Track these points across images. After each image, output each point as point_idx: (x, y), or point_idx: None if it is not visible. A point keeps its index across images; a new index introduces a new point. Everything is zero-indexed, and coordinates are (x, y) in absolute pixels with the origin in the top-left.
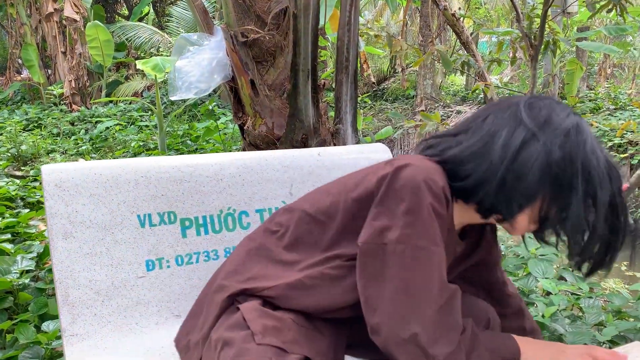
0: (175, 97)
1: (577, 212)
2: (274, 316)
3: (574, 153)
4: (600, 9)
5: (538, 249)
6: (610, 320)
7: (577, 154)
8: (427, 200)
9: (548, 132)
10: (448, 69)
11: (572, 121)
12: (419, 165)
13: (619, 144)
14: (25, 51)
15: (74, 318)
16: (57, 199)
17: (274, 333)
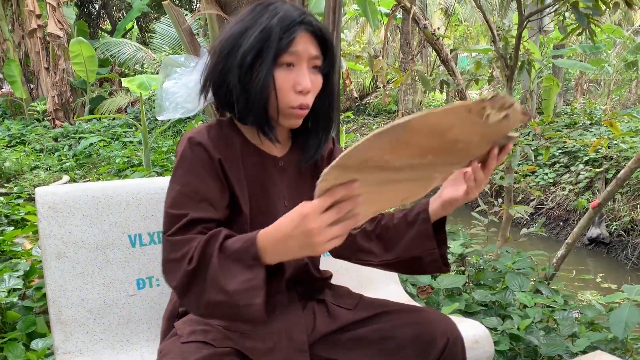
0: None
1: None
2: (203, 322)
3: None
4: (571, 32)
5: (515, 263)
6: (583, 331)
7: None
8: (178, 155)
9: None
10: (427, 88)
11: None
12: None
13: (595, 158)
14: (7, 67)
15: (67, 336)
16: (50, 220)
17: (201, 334)
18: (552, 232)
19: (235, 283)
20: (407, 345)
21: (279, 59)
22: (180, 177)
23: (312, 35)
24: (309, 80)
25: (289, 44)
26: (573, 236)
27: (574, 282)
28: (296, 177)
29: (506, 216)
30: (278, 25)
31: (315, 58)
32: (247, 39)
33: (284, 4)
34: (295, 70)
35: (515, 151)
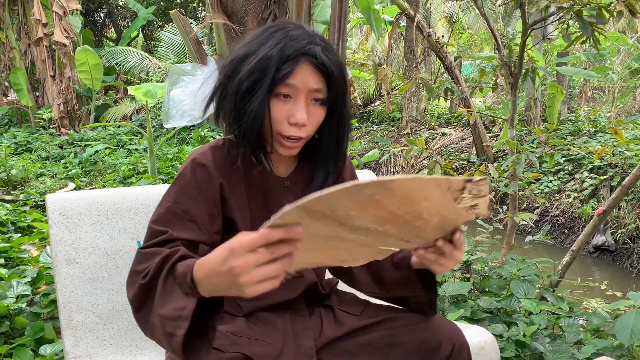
0: (169, 125)
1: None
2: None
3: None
4: (575, 40)
5: (520, 270)
6: (588, 338)
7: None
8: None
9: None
10: (432, 96)
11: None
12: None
13: (599, 166)
14: (14, 75)
15: (77, 341)
16: (61, 227)
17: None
18: (557, 240)
19: (169, 308)
20: (413, 351)
21: (275, 89)
22: (172, 195)
23: (314, 68)
24: (305, 113)
25: (285, 76)
26: (578, 243)
27: (579, 290)
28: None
29: (511, 223)
30: (277, 56)
31: (316, 91)
32: (246, 66)
33: (294, 30)
34: (291, 102)
35: (520, 158)
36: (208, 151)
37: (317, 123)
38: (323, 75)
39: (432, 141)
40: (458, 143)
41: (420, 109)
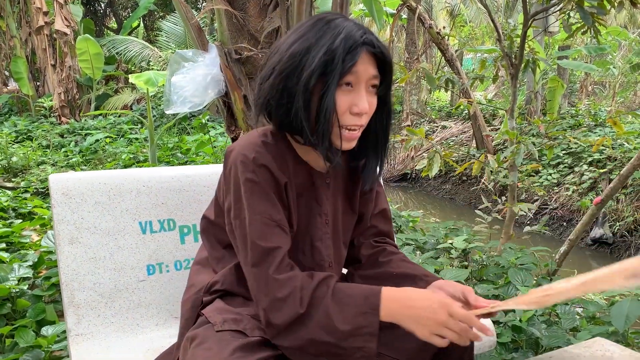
0: (170, 111)
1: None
2: (233, 311)
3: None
4: (576, 30)
5: (518, 259)
6: (584, 325)
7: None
8: (242, 177)
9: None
10: (432, 86)
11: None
12: (239, 145)
13: (599, 159)
14: (14, 63)
15: (79, 319)
16: (63, 206)
17: (234, 323)
18: (556, 232)
19: (349, 325)
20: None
21: (341, 80)
22: (257, 205)
23: (372, 56)
24: (366, 102)
25: (352, 65)
26: (576, 232)
27: None
28: (336, 194)
29: (510, 213)
30: (341, 47)
31: (374, 78)
32: (311, 60)
33: (346, 21)
34: (354, 92)
35: (519, 149)
36: (261, 146)
37: (372, 112)
38: (377, 63)
39: (433, 134)
40: (458, 136)
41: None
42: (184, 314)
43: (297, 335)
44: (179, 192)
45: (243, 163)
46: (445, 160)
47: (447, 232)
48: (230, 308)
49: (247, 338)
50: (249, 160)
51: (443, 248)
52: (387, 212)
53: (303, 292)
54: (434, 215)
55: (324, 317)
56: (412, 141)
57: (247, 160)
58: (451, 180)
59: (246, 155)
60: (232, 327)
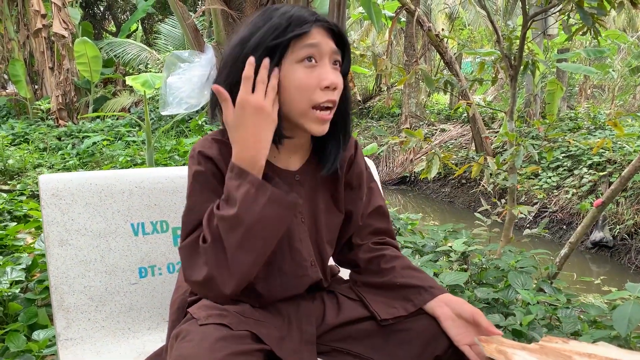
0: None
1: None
2: (218, 308)
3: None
4: (576, 32)
5: (518, 262)
6: (585, 329)
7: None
8: (190, 170)
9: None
10: (431, 88)
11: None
12: (195, 144)
13: (598, 162)
14: (12, 66)
15: (69, 323)
16: (53, 207)
17: (218, 317)
18: (555, 236)
19: (239, 201)
20: (414, 337)
21: (295, 54)
22: (198, 193)
23: (327, 31)
24: (335, 75)
25: (302, 36)
26: (576, 235)
27: (576, 285)
28: (313, 190)
29: (509, 216)
30: (288, 22)
31: (335, 53)
32: (254, 40)
33: (294, 6)
34: (319, 66)
35: (519, 150)
36: (212, 144)
37: (341, 90)
38: (335, 40)
39: (432, 136)
40: (457, 139)
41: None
42: (171, 315)
43: (226, 261)
44: (172, 193)
45: (191, 157)
46: (444, 162)
47: (446, 235)
48: (216, 305)
49: (231, 331)
50: (195, 153)
51: (442, 251)
52: (382, 209)
53: (202, 233)
54: (433, 218)
55: (222, 223)
56: (411, 143)
57: (194, 154)
58: (450, 183)
59: (195, 149)
60: (216, 321)
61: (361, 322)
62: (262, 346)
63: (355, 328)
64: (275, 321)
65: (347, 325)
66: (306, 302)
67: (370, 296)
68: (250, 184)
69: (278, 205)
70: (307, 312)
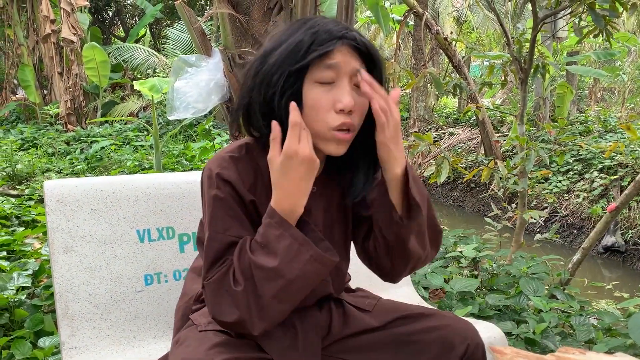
0: (173, 117)
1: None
2: None
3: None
4: (587, 34)
5: (529, 268)
6: (600, 337)
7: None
8: (208, 194)
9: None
10: (440, 91)
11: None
12: (210, 161)
13: (609, 166)
14: (21, 71)
15: (73, 331)
16: (58, 214)
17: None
18: (566, 240)
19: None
20: (425, 350)
21: (313, 74)
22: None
23: (354, 50)
24: (351, 97)
25: (323, 56)
26: (589, 241)
27: (587, 291)
28: (329, 202)
29: (520, 221)
30: (310, 39)
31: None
32: (275, 55)
33: (324, 19)
34: (336, 87)
35: (529, 154)
36: (229, 163)
37: (363, 113)
38: (364, 60)
39: (440, 141)
40: (466, 143)
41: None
42: (175, 323)
43: (260, 307)
44: (178, 199)
45: (209, 178)
46: (454, 166)
47: (456, 240)
48: None
49: (232, 338)
50: (213, 175)
51: (452, 257)
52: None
53: (233, 273)
54: (442, 223)
55: (259, 270)
56: (420, 147)
57: (212, 175)
58: (459, 187)
59: (211, 169)
60: (216, 328)
61: (369, 333)
62: (263, 355)
63: (362, 339)
64: (279, 330)
65: (354, 336)
66: (312, 312)
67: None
68: (293, 239)
69: (320, 264)
70: (314, 322)
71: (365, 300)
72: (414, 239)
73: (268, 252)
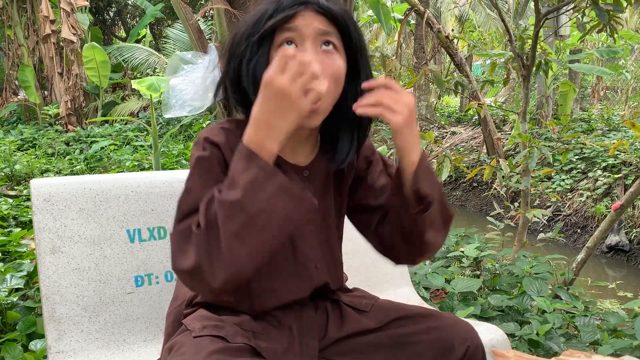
0: (169, 115)
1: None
2: (214, 318)
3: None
4: (591, 29)
5: (532, 267)
6: (605, 338)
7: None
8: (194, 157)
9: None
10: (441, 89)
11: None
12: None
13: (613, 164)
14: (22, 72)
15: (60, 335)
16: (45, 213)
17: (214, 329)
18: (570, 239)
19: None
20: (424, 352)
21: (275, 39)
22: (197, 179)
23: (319, 14)
24: (315, 60)
25: (284, 20)
26: (594, 240)
27: (591, 290)
28: (323, 187)
29: (523, 220)
30: (274, 7)
31: (325, 33)
32: (242, 27)
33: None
34: (298, 52)
35: (532, 152)
36: (220, 131)
37: (335, 78)
38: (332, 22)
39: (442, 140)
40: (468, 142)
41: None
42: (166, 328)
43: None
44: (170, 197)
45: (196, 144)
46: (456, 165)
47: (458, 239)
48: (212, 315)
49: (228, 344)
50: (201, 139)
51: (454, 256)
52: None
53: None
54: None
55: (221, 209)
56: (421, 145)
57: (199, 140)
58: (461, 186)
59: (200, 136)
60: (211, 333)
61: (366, 334)
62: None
63: (359, 341)
64: (275, 333)
65: (351, 337)
66: (309, 313)
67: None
68: (259, 169)
69: (289, 197)
70: (310, 324)
71: (362, 300)
72: (431, 229)
73: (232, 187)
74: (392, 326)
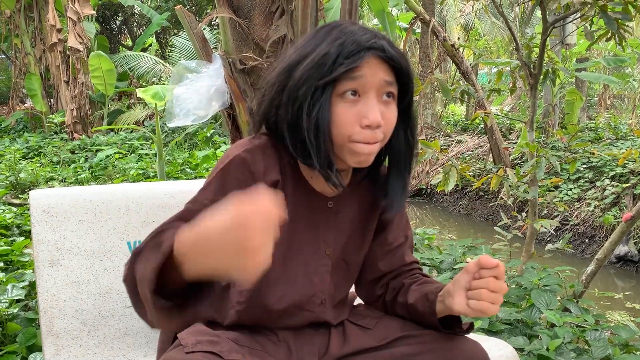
0: (173, 124)
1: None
2: (210, 333)
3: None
4: (599, 38)
5: (541, 279)
6: (617, 354)
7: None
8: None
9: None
10: (447, 97)
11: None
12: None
13: (621, 173)
14: (28, 80)
15: (58, 350)
16: (44, 225)
17: (209, 344)
18: (578, 250)
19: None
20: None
21: (340, 88)
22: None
23: (383, 62)
24: (378, 111)
25: (350, 70)
26: (604, 251)
27: (599, 302)
28: (348, 222)
29: (530, 230)
30: (337, 51)
31: (388, 85)
32: (301, 69)
33: (352, 26)
34: (361, 101)
35: (540, 162)
36: (258, 151)
37: (392, 125)
38: (393, 71)
39: (448, 148)
40: (474, 150)
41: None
42: (159, 344)
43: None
44: (172, 209)
45: (232, 162)
46: (462, 174)
47: (464, 250)
48: (208, 330)
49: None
50: (238, 160)
51: (461, 268)
52: (412, 241)
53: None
54: (450, 232)
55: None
56: (427, 154)
57: (236, 160)
58: (468, 195)
59: (237, 154)
60: (205, 349)
61: (369, 352)
62: None
63: (363, 359)
64: (273, 350)
65: (353, 356)
66: (309, 330)
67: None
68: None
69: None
70: (310, 341)
71: (366, 317)
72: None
73: (146, 259)
74: (396, 344)
